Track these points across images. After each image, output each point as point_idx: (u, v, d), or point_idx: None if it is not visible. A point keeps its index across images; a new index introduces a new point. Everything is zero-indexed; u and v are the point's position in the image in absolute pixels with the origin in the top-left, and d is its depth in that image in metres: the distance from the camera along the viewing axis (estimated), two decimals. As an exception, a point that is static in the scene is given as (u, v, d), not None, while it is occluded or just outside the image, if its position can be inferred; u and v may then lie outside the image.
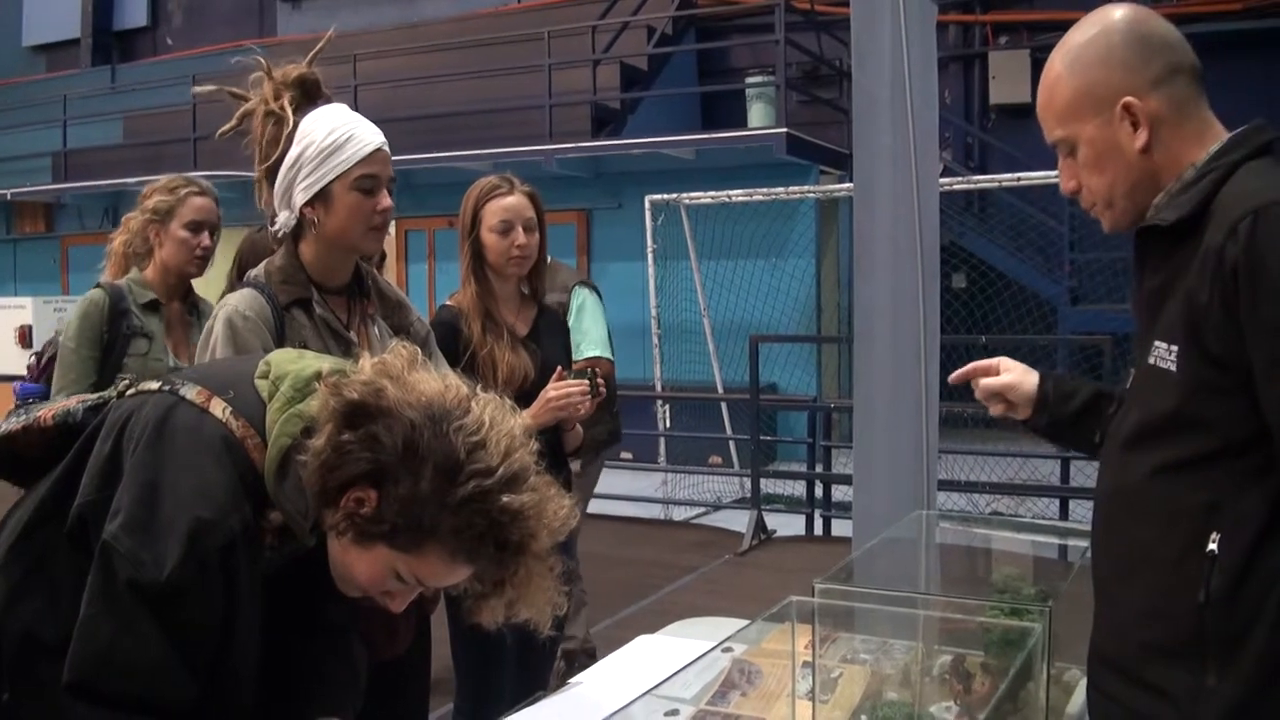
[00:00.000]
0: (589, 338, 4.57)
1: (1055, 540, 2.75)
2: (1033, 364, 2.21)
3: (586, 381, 3.23)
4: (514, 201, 3.34)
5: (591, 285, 4.78)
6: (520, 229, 3.32)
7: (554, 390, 3.19)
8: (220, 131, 2.70)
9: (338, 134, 2.43)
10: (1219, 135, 1.79)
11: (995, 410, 2.25)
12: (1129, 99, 1.76)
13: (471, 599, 1.74)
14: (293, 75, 2.57)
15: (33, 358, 3.82)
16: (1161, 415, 1.72)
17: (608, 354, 4.62)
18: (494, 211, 3.32)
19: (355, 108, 2.57)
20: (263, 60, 2.62)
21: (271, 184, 2.54)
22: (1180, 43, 1.81)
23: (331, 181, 2.44)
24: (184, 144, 14.47)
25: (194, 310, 3.67)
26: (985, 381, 2.23)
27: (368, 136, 2.46)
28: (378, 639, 2.44)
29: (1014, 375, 2.21)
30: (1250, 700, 1.64)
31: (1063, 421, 2.16)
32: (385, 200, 2.49)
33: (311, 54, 2.64)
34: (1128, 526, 1.79)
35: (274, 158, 2.52)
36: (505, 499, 1.60)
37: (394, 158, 2.54)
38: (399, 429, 1.60)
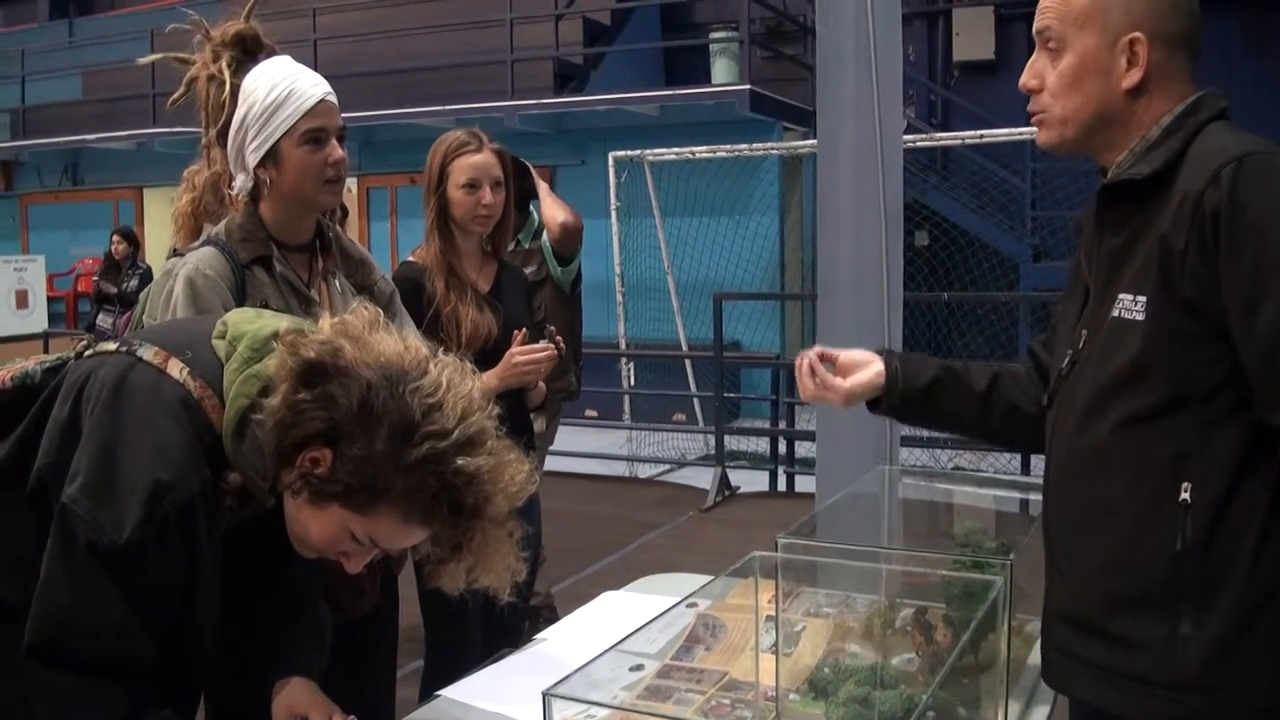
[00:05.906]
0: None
1: (1016, 495, 2.77)
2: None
3: (553, 346, 3.22)
4: (482, 159, 3.30)
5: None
6: (487, 188, 3.29)
7: (521, 355, 3.17)
8: (171, 101, 2.67)
9: (278, 90, 2.38)
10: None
11: (809, 393, 2.17)
12: (1139, 35, 1.73)
13: (430, 564, 1.74)
14: (231, 33, 2.53)
15: None
16: (1125, 367, 1.72)
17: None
18: (461, 169, 3.29)
19: (315, 63, 2.54)
20: (199, 21, 2.58)
21: (224, 148, 2.50)
22: (1199, 20, 1.79)
23: (279, 140, 2.39)
24: (144, 100, 14.24)
25: None
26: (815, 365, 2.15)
27: (309, 89, 2.41)
28: (344, 598, 2.44)
29: (855, 352, 2.17)
30: (1231, 642, 1.65)
31: (913, 398, 2.13)
32: (336, 151, 2.44)
33: (247, 8, 2.61)
34: (1087, 483, 1.79)
35: (221, 121, 2.49)
36: (460, 461, 1.60)
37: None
38: (355, 389, 1.59)
